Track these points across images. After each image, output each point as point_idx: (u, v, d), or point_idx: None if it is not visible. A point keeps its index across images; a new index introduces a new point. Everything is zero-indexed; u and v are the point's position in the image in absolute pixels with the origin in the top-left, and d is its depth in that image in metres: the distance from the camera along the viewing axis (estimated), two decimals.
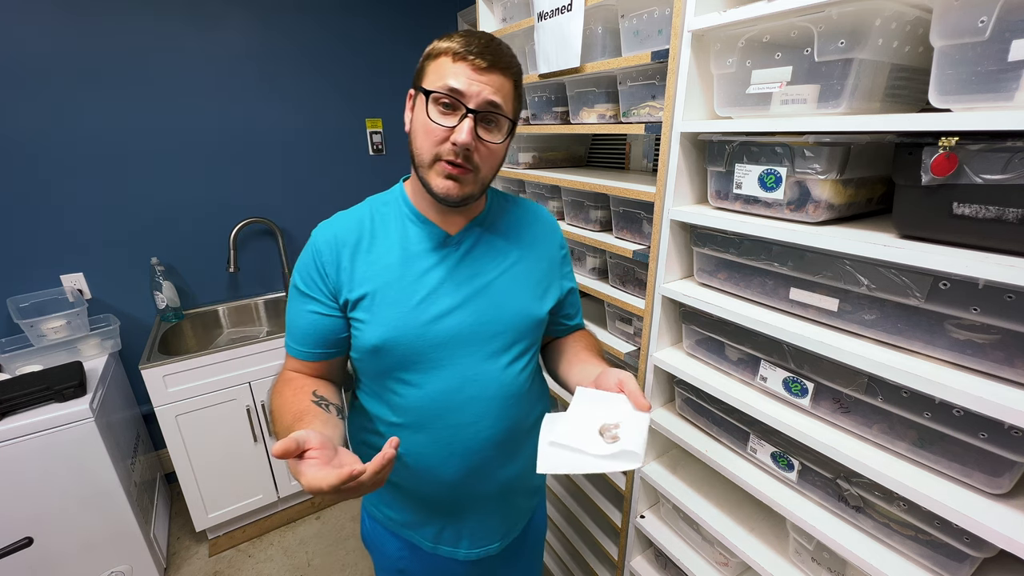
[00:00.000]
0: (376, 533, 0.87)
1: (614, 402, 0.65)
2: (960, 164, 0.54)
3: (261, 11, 1.88)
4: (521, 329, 0.76)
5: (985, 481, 0.59)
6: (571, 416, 0.64)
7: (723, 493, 1.01)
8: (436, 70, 0.64)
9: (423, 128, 0.65)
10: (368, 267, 0.70)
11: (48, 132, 1.62)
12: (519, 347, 0.76)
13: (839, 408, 0.73)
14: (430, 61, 0.65)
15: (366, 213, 0.74)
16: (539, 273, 0.80)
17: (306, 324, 0.72)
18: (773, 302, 0.80)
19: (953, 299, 0.58)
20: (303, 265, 0.72)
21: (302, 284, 0.72)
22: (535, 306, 0.78)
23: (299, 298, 0.73)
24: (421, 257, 0.72)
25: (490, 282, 0.74)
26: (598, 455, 0.58)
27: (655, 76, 0.96)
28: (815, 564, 0.82)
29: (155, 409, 1.57)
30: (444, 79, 0.63)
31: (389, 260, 0.71)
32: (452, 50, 0.63)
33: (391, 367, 0.72)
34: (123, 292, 1.86)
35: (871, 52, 0.61)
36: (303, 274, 0.72)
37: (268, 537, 1.86)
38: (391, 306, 0.69)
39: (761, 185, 0.76)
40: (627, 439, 0.59)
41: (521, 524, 0.90)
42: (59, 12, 1.55)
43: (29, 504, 1.34)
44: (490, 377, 0.73)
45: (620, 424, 0.61)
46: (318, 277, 0.71)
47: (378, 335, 0.69)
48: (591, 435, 0.61)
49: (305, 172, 2.13)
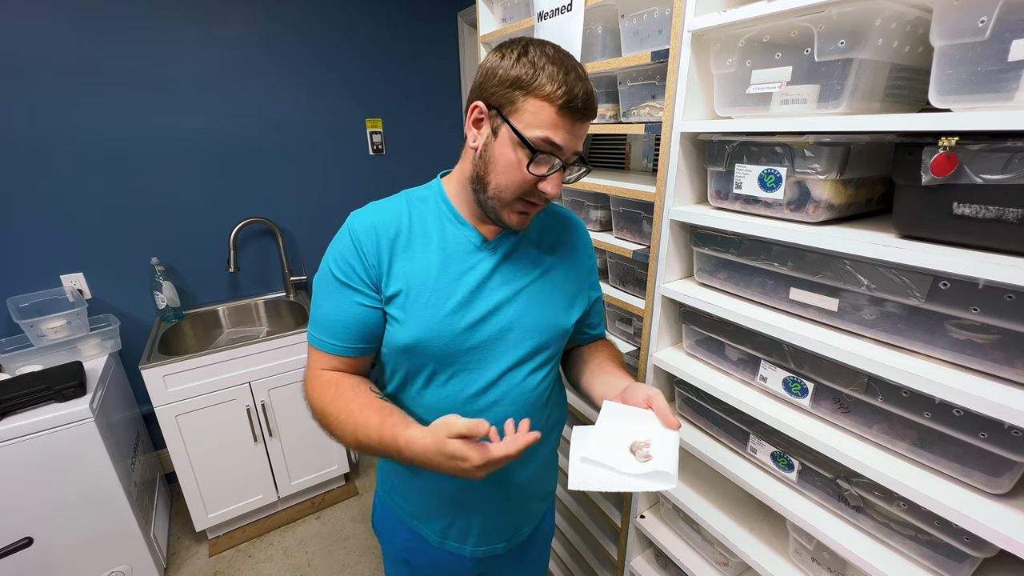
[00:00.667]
0: (386, 520, 0.88)
1: (642, 418, 0.64)
2: (960, 164, 0.54)
3: (261, 10, 1.88)
4: (547, 338, 0.75)
5: (985, 481, 0.59)
6: (600, 431, 0.63)
7: (723, 493, 1.01)
8: (536, 113, 0.59)
9: (510, 170, 0.62)
10: (406, 263, 0.69)
11: (48, 132, 1.62)
12: (543, 356, 0.76)
13: (839, 408, 0.73)
14: (529, 97, 0.59)
15: (403, 207, 0.72)
16: (570, 283, 0.79)
17: (348, 317, 0.69)
18: (773, 302, 0.80)
19: (953, 299, 0.58)
20: (341, 254, 0.69)
21: (341, 275, 0.68)
22: (563, 316, 0.77)
23: (339, 290, 0.69)
24: (459, 259, 0.70)
25: (522, 289, 0.73)
26: (631, 474, 0.57)
27: (655, 76, 0.96)
28: (815, 564, 0.82)
29: (155, 409, 1.57)
30: (545, 130, 0.60)
31: (427, 259, 0.69)
32: (558, 99, 0.58)
33: (419, 366, 0.71)
34: (123, 292, 1.86)
35: (871, 52, 0.61)
36: (340, 263, 0.68)
37: (268, 537, 1.86)
38: (426, 307, 0.68)
39: (761, 185, 0.76)
40: (659, 459, 0.58)
41: (529, 527, 0.89)
42: (58, 11, 1.55)
43: (29, 504, 1.34)
44: (512, 383, 0.73)
45: (651, 442, 0.60)
46: (360, 266, 0.68)
47: (411, 335, 0.68)
48: (622, 452, 0.60)
49: (305, 172, 2.13)
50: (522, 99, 0.60)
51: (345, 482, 2.12)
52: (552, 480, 0.94)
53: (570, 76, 0.59)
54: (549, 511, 0.98)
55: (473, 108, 0.64)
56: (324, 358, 0.72)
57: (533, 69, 0.59)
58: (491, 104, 0.62)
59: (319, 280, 0.72)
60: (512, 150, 0.61)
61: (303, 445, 1.90)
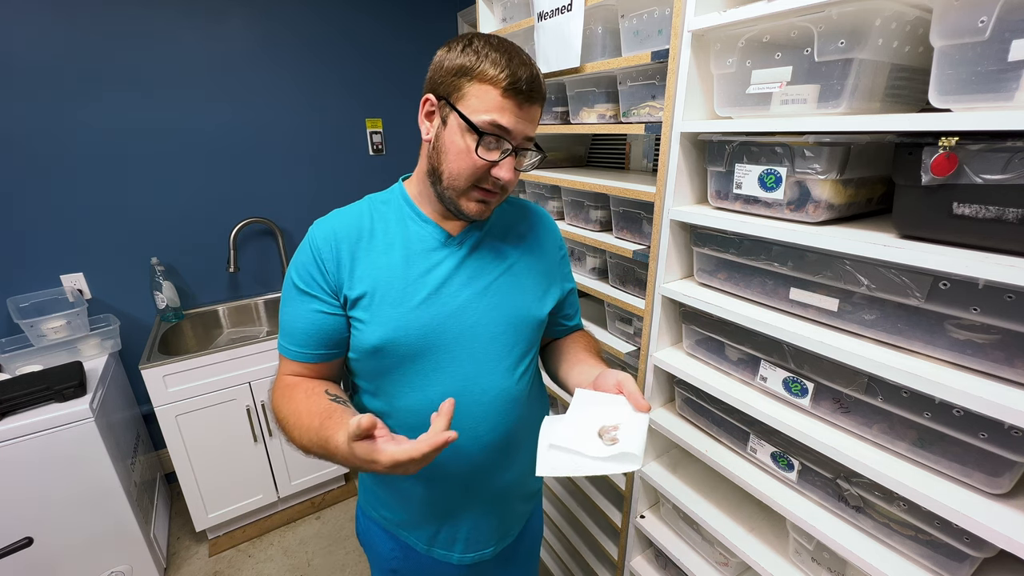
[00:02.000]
0: (370, 532, 0.87)
1: (613, 403, 0.64)
2: (960, 164, 0.54)
3: (261, 10, 1.88)
4: (522, 330, 0.75)
5: (985, 481, 0.59)
6: (570, 418, 0.64)
7: (723, 493, 1.01)
8: (481, 97, 0.60)
9: (460, 156, 0.63)
10: (368, 265, 0.69)
11: (48, 131, 1.62)
12: (519, 349, 0.76)
13: (839, 408, 0.73)
14: (473, 82, 0.60)
15: (365, 210, 0.73)
16: (539, 274, 0.79)
17: (307, 324, 0.70)
18: (773, 302, 0.80)
19: (953, 299, 0.58)
20: (301, 263, 0.70)
21: (301, 283, 0.69)
22: (536, 307, 0.77)
23: (298, 297, 0.70)
24: (423, 256, 0.70)
25: (491, 283, 0.73)
26: (597, 457, 0.58)
27: (655, 76, 0.96)
28: (815, 564, 0.82)
29: (155, 409, 1.57)
30: (491, 113, 0.60)
31: (390, 259, 0.69)
32: (502, 81, 0.59)
33: (390, 368, 0.70)
34: (123, 292, 1.86)
35: (871, 52, 0.61)
36: (301, 272, 0.69)
37: (268, 537, 1.86)
38: (392, 305, 0.68)
39: (761, 185, 0.76)
40: (626, 441, 0.59)
41: (517, 529, 0.89)
42: (58, 10, 1.56)
43: (29, 504, 1.34)
44: (491, 381, 0.72)
45: (619, 426, 0.61)
46: (318, 274, 0.68)
47: (378, 335, 0.68)
48: (590, 437, 0.61)
49: (305, 172, 2.13)
50: (467, 85, 0.61)
51: (345, 482, 2.12)
52: (537, 479, 0.92)
53: (513, 61, 0.60)
54: (536, 511, 0.97)
55: (424, 101, 0.66)
56: (289, 364, 0.72)
57: (476, 56, 0.61)
58: (439, 95, 0.64)
59: (284, 288, 0.73)
60: (461, 136, 0.62)
61: None
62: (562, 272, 0.85)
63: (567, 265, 0.87)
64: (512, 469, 0.79)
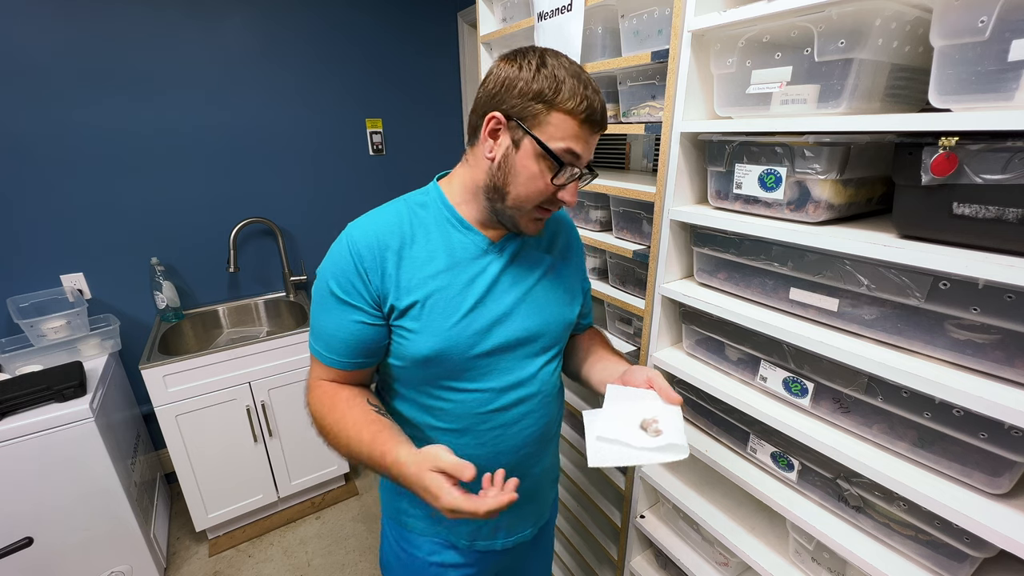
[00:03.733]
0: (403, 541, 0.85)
1: (645, 398, 0.68)
2: (960, 164, 0.54)
3: (262, 10, 1.88)
4: (558, 333, 0.78)
5: (985, 481, 0.59)
6: (608, 412, 0.67)
7: (723, 493, 1.01)
8: (559, 126, 0.61)
9: (533, 180, 0.64)
10: (414, 273, 0.67)
11: (48, 131, 1.62)
12: (555, 349, 0.79)
13: (839, 408, 0.73)
14: (552, 111, 0.60)
15: (404, 214, 0.70)
16: (570, 278, 0.82)
17: (348, 335, 0.68)
18: (773, 302, 0.80)
19: (953, 299, 0.58)
20: (341, 270, 0.67)
21: (341, 292, 0.67)
22: (569, 311, 0.80)
23: (338, 307, 0.68)
24: (467, 265, 0.70)
25: (531, 288, 0.75)
26: (645, 448, 0.62)
27: (655, 76, 0.96)
28: (815, 564, 0.82)
29: (155, 409, 1.57)
30: (567, 142, 0.61)
31: (436, 267, 0.68)
32: (581, 113, 0.61)
33: (438, 376, 0.71)
34: (123, 292, 1.86)
35: (871, 52, 0.61)
36: (341, 280, 0.67)
37: (268, 537, 1.86)
38: (442, 316, 0.68)
39: (761, 185, 0.76)
40: (669, 432, 0.63)
41: (548, 511, 0.93)
42: (58, 10, 1.55)
43: (29, 504, 1.34)
44: (533, 381, 0.75)
45: (658, 419, 0.65)
46: (360, 284, 0.66)
47: (430, 346, 0.68)
48: (634, 430, 0.64)
49: (305, 172, 2.13)
50: (545, 112, 0.60)
51: (345, 482, 2.12)
52: (559, 464, 0.98)
53: (588, 90, 0.61)
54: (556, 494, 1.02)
55: (490, 119, 0.63)
56: (324, 369, 0.72)
57: (555, 82, 0.60)
58: (510, 115, 0.62)
59: (318, 292, 0.70)
60: (535, 162, 0.63)
61: (303, 445, 1.89)
62: (582, 272, 0.89)
63: (585, 264, 0.91)
64: (547, 458, 0.85)
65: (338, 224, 0.73)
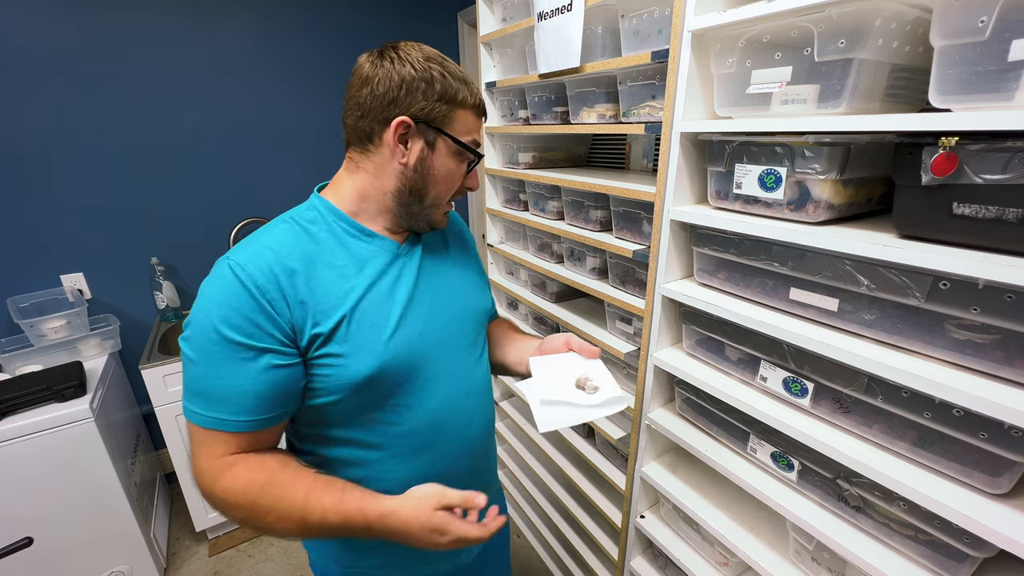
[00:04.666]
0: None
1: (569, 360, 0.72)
2: (960, 164, 0.54)
3: (261, 10, 1.88)
4: (478, 321, 0.80)
5: (985, 481, 0.59)
6: (544, 378, 0.69)
7: (723, 493, 1.01)
8: (464, 121, 0.65)
9: (450, 177, 0.67)
10: (330, 291, 0.61)
11: (48, 131, 1.62)
12: (481, 339, 0.80)
13: (839, 408, 0.73)
14: (456, 108, 0.64)
15: (299, 232, 0.63)
16: (475, 267, 0.85)
17: (259, 385, 0.57)
18: (773, 302, 0.80)
19: (953, 299, 0.58)
20: (233, 309, 0.55)
21: (239, 335, 0.55)
22: (483, 298, 0.83)
23: (237, 354, 0.56)
24: (381, 273, 0.66)
25: (446, 283, 0.75)
26: (590, 405, 0.64)
27: (655, 76, 0.96)
28: (815, 564, 0.82)
29: (155, 409, 1.57)
30: (472, 134, 0.67)
31: (350, 282, 0.63)
32: (474, 105, 0.66)
33: (382, 396, 0.65)
34: (123, 292, 1.86)
35: (871, 52, 0.61)
36: (236, 321, 0.55)
37: (268, 537, 1.86)
38: (372, 330, 0.62)
39: (761, 185, 0.76)
40: (605, 387, 0.66)
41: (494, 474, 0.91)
42: (58, 10, 1.56)
43: (29, 504, 1.34)
44: (469, 371, 0.75)
45: (589, 377, 0.68)
46: (265, 319, 0.56)
47: (368, 365, 0.61)
48: (572, 390, 0.67)
49: (305, 172, 2.13)
50: (451, 111, 0.64)
51: None
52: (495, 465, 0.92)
53: (471, 85, 0.66)
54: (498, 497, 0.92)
55: (398, 124, 0.61)
56: (226, 441, 0.58)
57: (452, 81, 0.63)
58: (418, 119, 0.62)
59: (200, 345, 0.56)
60: (451, 159, 0.66)
61: None
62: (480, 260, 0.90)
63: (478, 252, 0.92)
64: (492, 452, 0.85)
65: None
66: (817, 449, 0.72)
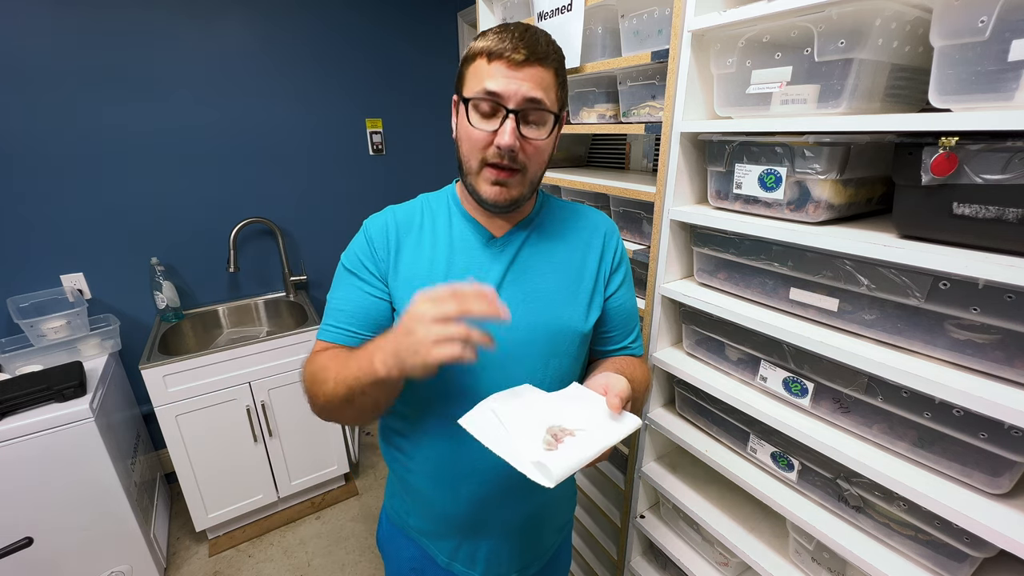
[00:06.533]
0: (393, 537, 0.85)
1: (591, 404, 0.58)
2: (960, 164, 0.54)
3: (261, 11, 1.88)
4: (560, 342, 0.70)
5: (985, 481, 0.59)
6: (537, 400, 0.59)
7: (723, 493, 1.01)
8: (474, 74, 0.62)
9: (467, 135, 0.64)
10: (414, 256, 0.70)
11: (48, 132, 1.61)
12: (556, 362, 0.70)
13: (839, 408, 0.73)
14: (467, 65, 0.64)
15: (417, 206, 0.75)
16: (586, 283, 0.73)
17: (353, 305, 0.69)
18: (773, 302, 0.80)
19: (953, 299, 0.58)
20: (352, 250, 0.72)
21: (350, 265, 0.71)
22: (577, 318, 0.71)
23: (345, 278, 0.71)
24: (464, 253, 0.71)
25: (533, 289, 0.70)
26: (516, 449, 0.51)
27: (655, 76, 0.96)
28: (815, 564, 0.82)
29: (155, 409, 1.56)
30: (481, 83, 0.60)
31: (435, 253, 0.70)
32: (487, 50, 0.60)
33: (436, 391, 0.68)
34: (123, 292, 1.86)
35: (871, 52, 0.61)
36: (350, 256, 0.71)
37: (268, 537, 1.86)
38: None
39: (761, 185, 0.76)
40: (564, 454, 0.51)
41: (542, 560, 0.84)
42: (58, 10, 1.55)
43: (29, 504, 1.34)
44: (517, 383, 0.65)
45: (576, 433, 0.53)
46: (367, 257, 0.70)
47: None
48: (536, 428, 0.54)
49: (305, 172, 2.13)
50: (467, 69, 0.64)
51: (345, 482, 2.12)
52: (569, 510, 0.89)
53: (505, 31, 0.61)
54: (565, 545, 0.91)
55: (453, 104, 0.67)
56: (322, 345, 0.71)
57: (474, 42, 0.63)
58: (456, 92, 0.66)
59: (335, 275, 0.74)
60: (464, 117, 0.63)
61: (303, 445, 1.89)
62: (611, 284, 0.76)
63: (621, 277, 0.78)
64: (540, 496, 0.74)
65: (338, 224, 0.74)
66: (817, 449, 0.72)
